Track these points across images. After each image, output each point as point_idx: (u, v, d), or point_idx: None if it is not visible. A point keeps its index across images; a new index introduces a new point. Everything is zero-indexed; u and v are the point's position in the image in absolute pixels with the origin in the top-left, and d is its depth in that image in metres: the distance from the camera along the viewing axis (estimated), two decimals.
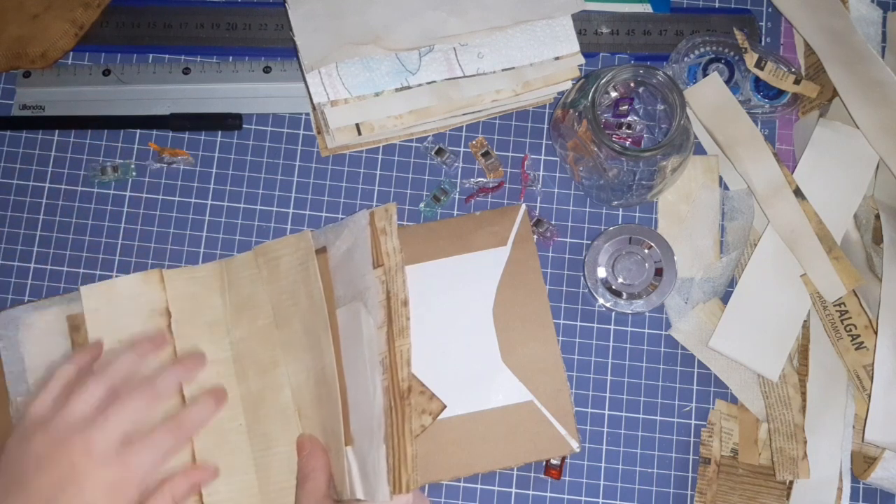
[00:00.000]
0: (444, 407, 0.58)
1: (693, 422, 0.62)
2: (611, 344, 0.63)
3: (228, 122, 0.65)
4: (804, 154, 0.62)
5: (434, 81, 0.62)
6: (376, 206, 0.64)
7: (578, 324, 0.63)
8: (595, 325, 0.63)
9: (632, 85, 0.62)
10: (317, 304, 0.57)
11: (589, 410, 0.62)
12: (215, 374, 0.57)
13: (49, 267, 0.63)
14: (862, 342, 0.60)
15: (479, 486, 0.60)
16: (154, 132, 0.65)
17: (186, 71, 0.66)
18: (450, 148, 0.65)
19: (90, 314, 0.58)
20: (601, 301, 0.62)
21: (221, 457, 0.56)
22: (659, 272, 0.61)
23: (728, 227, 0.63)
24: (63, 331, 0.58)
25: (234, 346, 0.58)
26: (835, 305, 0.60)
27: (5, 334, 0.58)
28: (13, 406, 0.58)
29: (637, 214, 0.64)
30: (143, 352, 0.54)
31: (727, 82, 0.64)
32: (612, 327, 0.63)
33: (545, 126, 0.66)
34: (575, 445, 0.58)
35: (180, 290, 0.59)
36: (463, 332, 0.60)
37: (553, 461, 0.59)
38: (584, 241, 0.64)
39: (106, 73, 0.66)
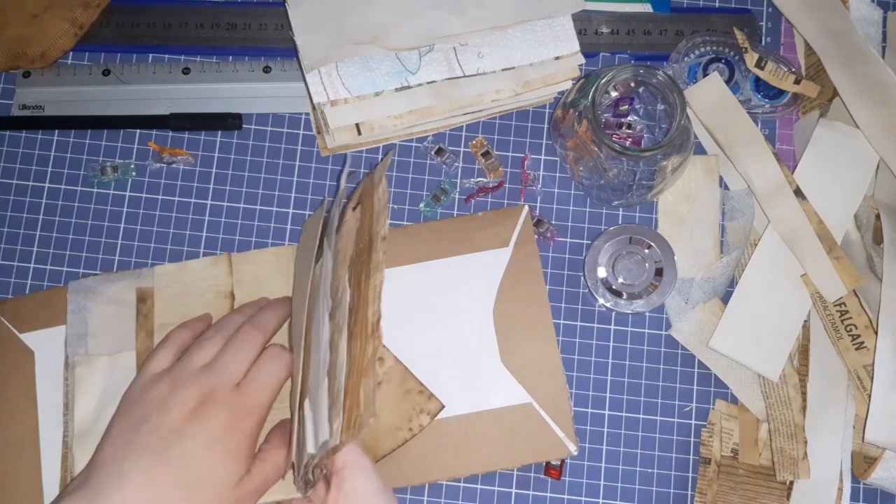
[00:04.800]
0: (443, 407, 0.58)
1: (693, 422, 0.61)
2: (611, 344, 0.63)
3: (228, 122, 0.65)
4: (804, 154, 0.62)
5: (434, 81, 0.62)
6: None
7: (578, 324, 0.63)
8: (595, 325, 0.63)
9: (632, 85, 0.62)
10: (309, 264, 0.57)
11: (589, 410, 0.62)
12: None
13: (49, 267, 0.63)
14: (862, 342, 0.60)
15: (479, 487, 0.60)
16: (154, 132, 0.65)
17: (186, 71, 0.66)
18: (450, 148, 0.65)
19: (160, 290, 0.60)
20: (601, 301, 0.62)
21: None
22: (659, 272, 0.61)
23: (728, 227, 0.63)
24: (130, 301, 0.60)
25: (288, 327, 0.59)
26: (835, 305, 0.60)
27: (74, 298, 0.60)
28: (70, 367, 0.59)
29: (637, 214, 0.64)
30: (249, 312, 0.57)
31: (727, 82, 0.64)
32: (612, 327, 0.63)
33: (545, 126, 0.66)
34: (573, 448, 0.58)
35: (245, 273, 0.61)
36: (463, 333, 0.60)
37: (553, 461, 0.59)
38: (584, 241, 0.64)
39: (106, 73, 0.66)
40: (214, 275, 0.61)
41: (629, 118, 0.63)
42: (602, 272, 0.61)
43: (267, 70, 0.66)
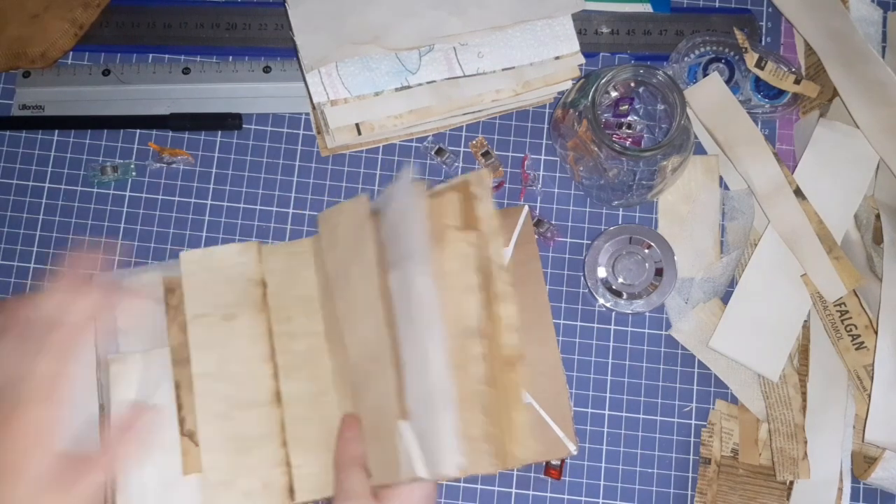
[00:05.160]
0: None
1: (693, 422, 0.61)
2: (611, 344, 0.63)
3: (228, 122, 0.65)
4: (804, 154, 0.62)
5: (434, 81, 0.62)
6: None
7: (578, 324, 0.63)
8: (595, 325, 0.63)
9: (632, 85, 0.62)
10: (368, 270, 0.53)
11: (589, 410, 0.62)
12: (307, 348, 0.56)
13: (49, 267, 0.63)
14: (862, 342, 0.60)
15: (479, 487, 0.60)
16: (154, 132, 0.65)
17: (186, 71, 0.66)
18: (450, 148, 0.65)
19: (187, 278, 0.57)
20: (601, 301, 0.62)
21: (312, 430, 0.55)
22: (659, 272, 0.61)
23: (728, 227, 0.63)
24: (158, 294, 0.58)
25: (325, 320, 0.57)
26: (835, 305, 0.60)
27: None
28: (102, 366, 0.56)
29: (637, 214, 0.64)
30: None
31: (727, 82, 0.64)
32: (612, 327, 0.63)
33: (545, 126, 0.66)
34: (573, 448, 0.58)
35: (277, 263, 0.58)
36: None
37: (553, 461, 0.59)
38: (584, 241, 0.64)
39: (106, 73, 0.66)
40: (243, 262, 0.58)
41: (629, 118, 0.63)
42: (602, 272, 0.61)
43: (267, 70, 0.66)
